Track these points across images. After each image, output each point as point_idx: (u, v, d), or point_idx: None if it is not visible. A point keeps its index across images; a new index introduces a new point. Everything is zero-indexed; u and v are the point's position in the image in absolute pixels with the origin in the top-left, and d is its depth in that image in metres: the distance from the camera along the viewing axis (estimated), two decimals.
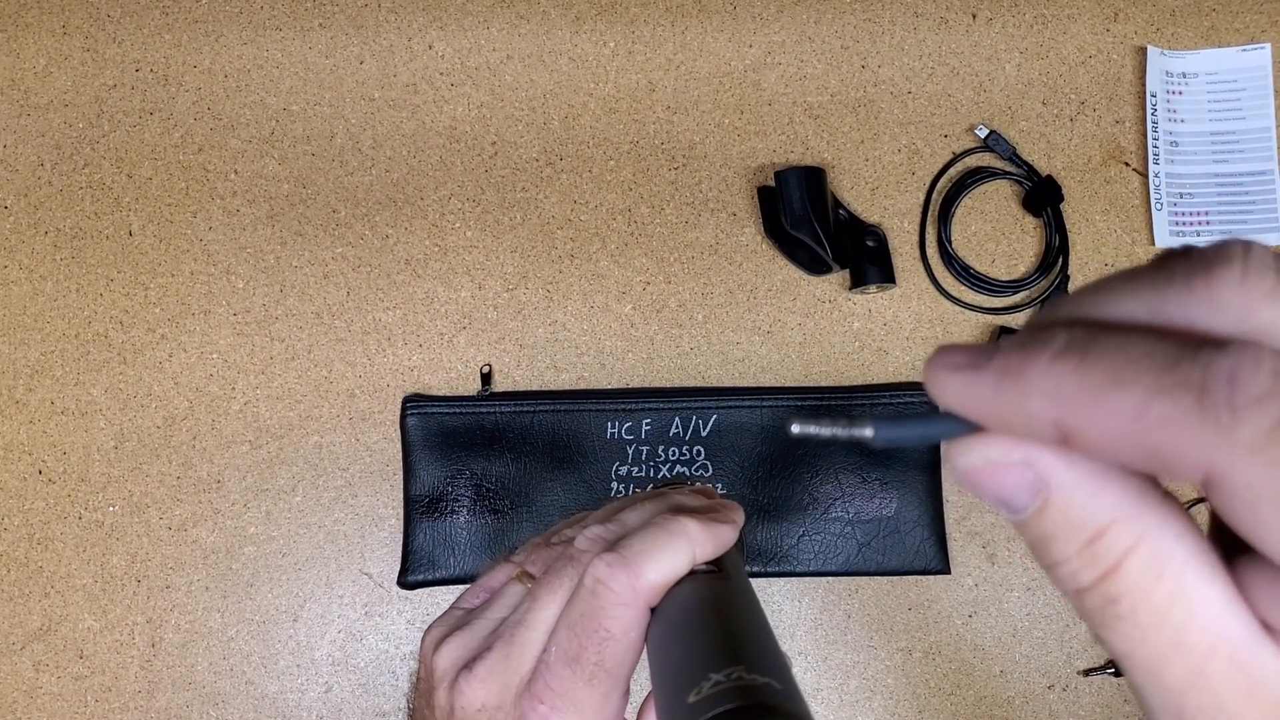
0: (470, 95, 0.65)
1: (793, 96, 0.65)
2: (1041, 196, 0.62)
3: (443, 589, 0.60)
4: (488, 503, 0.60)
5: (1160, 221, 0.63)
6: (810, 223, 0.58)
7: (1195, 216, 0.63)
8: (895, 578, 0.60)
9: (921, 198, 0.64)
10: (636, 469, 0.60)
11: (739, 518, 0.34)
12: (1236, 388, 0.12)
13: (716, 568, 0.31)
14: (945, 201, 0.63)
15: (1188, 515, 0.15)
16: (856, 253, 0.61)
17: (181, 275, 0.63)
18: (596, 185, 0.64)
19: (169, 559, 0.61)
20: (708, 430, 0.60)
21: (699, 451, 0.60)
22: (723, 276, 0.63)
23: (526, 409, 0.60)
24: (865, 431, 0.18)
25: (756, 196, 0.63)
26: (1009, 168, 0.64)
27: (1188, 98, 0.64)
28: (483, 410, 0.60)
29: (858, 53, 0.65)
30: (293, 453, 0.62)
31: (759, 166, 0.64)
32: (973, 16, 0.66)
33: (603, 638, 0.28)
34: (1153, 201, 0.63)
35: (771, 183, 0.61)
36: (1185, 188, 0.63)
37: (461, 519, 0.59)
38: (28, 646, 0.60)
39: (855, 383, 0.62)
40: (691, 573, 0.30)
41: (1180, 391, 0.13)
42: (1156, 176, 0.63)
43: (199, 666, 0.60)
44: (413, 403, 0.60)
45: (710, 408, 0.60)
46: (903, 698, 0.60)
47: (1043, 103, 0.65)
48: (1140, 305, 0.15)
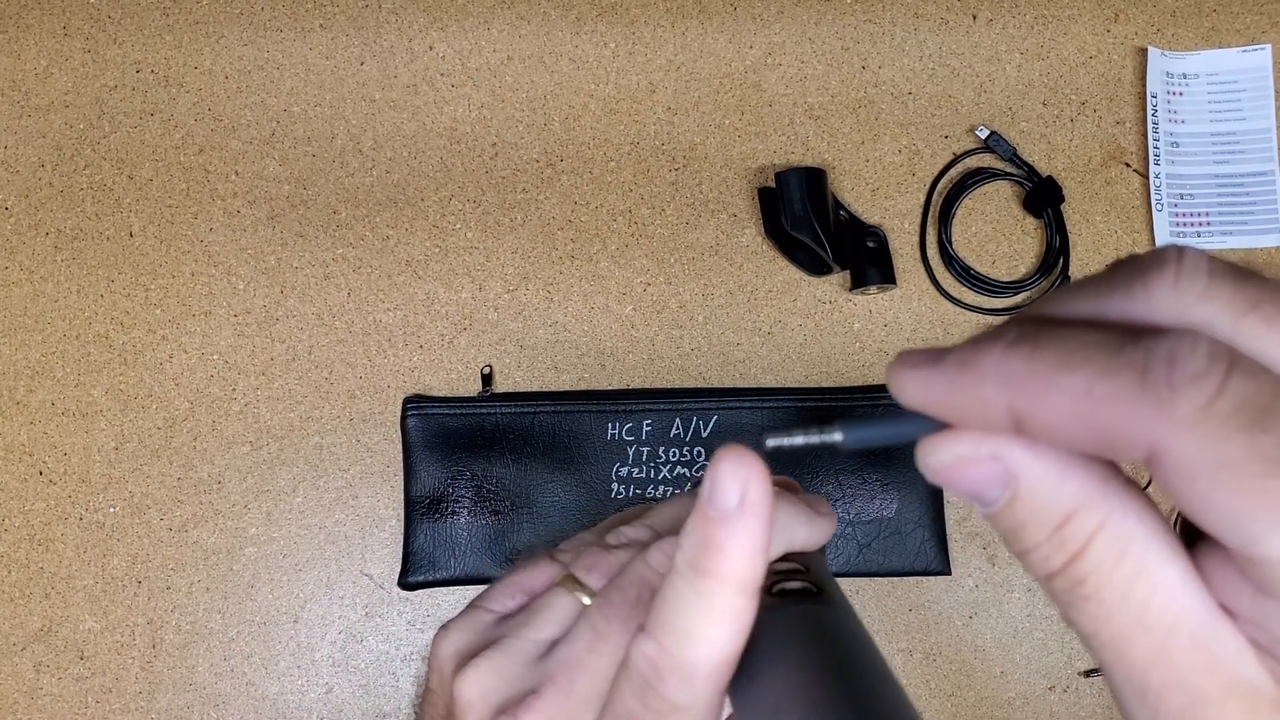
0: (471, 96, 0.65)
1: (793, 97, 0.65)
2: (1042, 197, 0.62)
3: (443, 590, 0.60)
4: (488, 504, 0.60)
5: (1161, 222, 0.63)
6: (811, 224, 0.58)
7: (1196, 217, 0.63)
8: (896, 579, 0.60)
9: (922, 198, 0.64)
10: (637, 470, 0.60)
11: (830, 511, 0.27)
12: (1175, 367, 0.13)
13: (810, 583, 0.24)
14: (946, 202, 0.63)
15: (1149, 500, 0.16)
16: (857, 254, 0.61)
17: (182, 276, 0.63)
18: (597, 186, 0.64)
19: (170, 560, 0.61)
20: (708, 431, 0.60)
21: (700, 453, 0.60)
22: (723, 277, 0.63)
23: (527, 410, 0.60)
24: (835, 435, 0.18)
25: (757, 197, 0.63)
26: (1009, 168, 0.64)
27: (1188, 98, 0.64)
28: (483, 411, 0.60)
29: (858, 54, 0.65)
30: (293, 454, 0.62)
31: (759, 167, 0.64)
32: (973, 17, 0.66)
33: None
34: (1153, 202, 0.63)
35: (772, 184, 0.61)
36: (1186, 188, 0.63)
37: (462, 520, 0.59)
38: (28, 647, 0.60)
39: (856, 383, 0.62)
40: (780, 593, 0.24)
41: (1123, 372, 0.14)
42: (1157, 177, 0.63)
43: (199, 667, 0.60)
44: (413, 404, 0.60)
45: (711, 409, 0.60)
46: None
47: (1043, 103, 0.65)
48: (1086, 308, 0.16)
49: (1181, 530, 0.16)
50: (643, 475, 0.60)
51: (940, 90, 0.65)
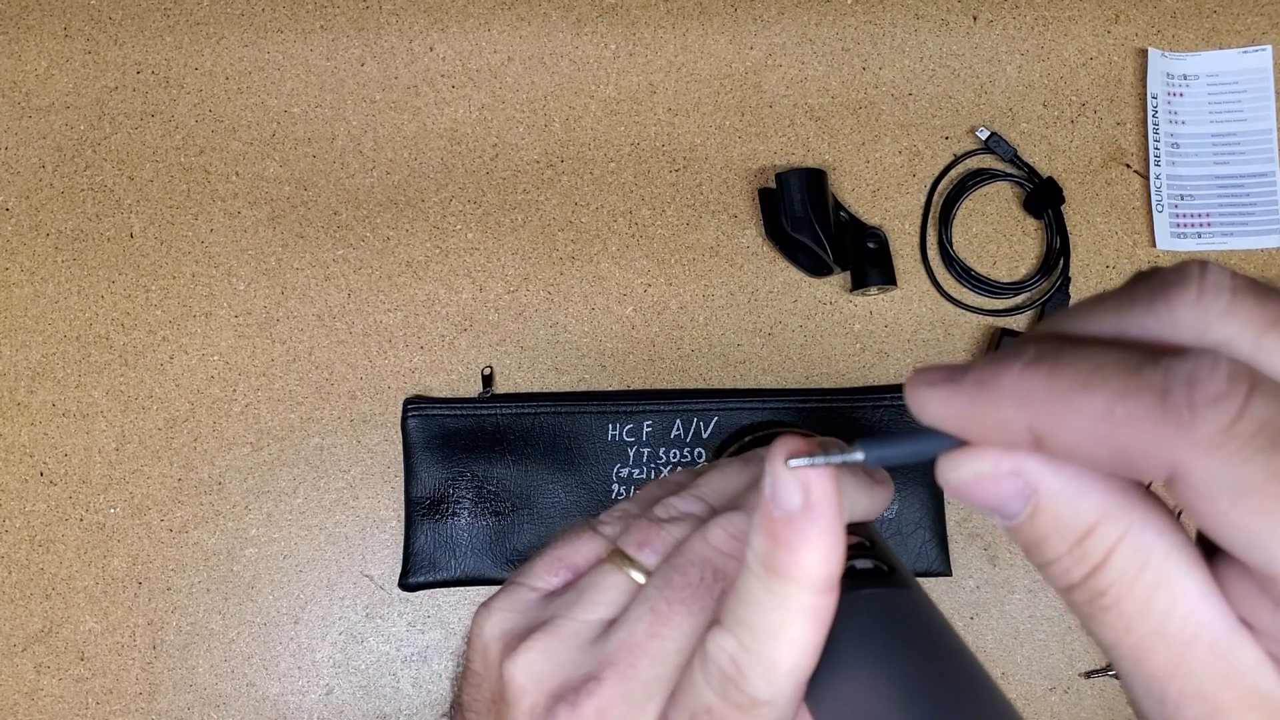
0: (471, 97, 0.65)
1: (794, 98, 0.65)
2: (1042, 198, 0.62)
3: (444, 591, 0.60)
4: (489, 505, 0.60)
5: (1161, 223, 0.63)
6: (811, 225, 0.58)
7: (1196, 218, 0.63)
8: None
9: (922, 199, 0.64)
10: (638, 471, 0.60)
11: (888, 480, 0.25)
12: (1195, 388, 0.13)
13: (880, 560, 0.23)
14: (946, 203, 0.63)
15: (1170, 513, 0.16)
16: (857, 255, 0.61)
17: (183, 277, 0.63)
18: (597, 187, 0.64)
19: (170, 561, 0.61)
20: (709, 432, 0.60)
21: (700, 453, 0.60)
22: (724, 278, 0.63)
23: (528, 411, 0.60)
24: (856, 455, 0.18)
25: (757, 198, 0.63)
26: (1010, 169, 0.64)
27: (1188, 100, 0.64)
28: (484, 412, 0.60)
29: (859, 55, 0.65)
30: (294, 455, 0.62)
31: (760, 168, 0.64)
32: (974, 19, 0.66)
33: None
34: (1154, 203, 0.63)
35: (772, 185, 0.61)
36: (1186, 190, 0.63)
37: (463, 521, 0.59)
38: (29, 648, 0.60)
39: (856, 384, 0.62)
40: (850, 572, 0.22)
41: (1143, 393, 0.14)
42: (1157, 178, 0.63)
43: (200, 668, 0.60)
44: (414, 405, 0.60)
45: (711, 410, 0.60)
46: None
47: (1044, 105, 0.65)
48: (1106, 324, 0.16)
49: (1200, 543, 0.16)
50: (643, 476, 0.60)
51: (941, 91, 0.65)
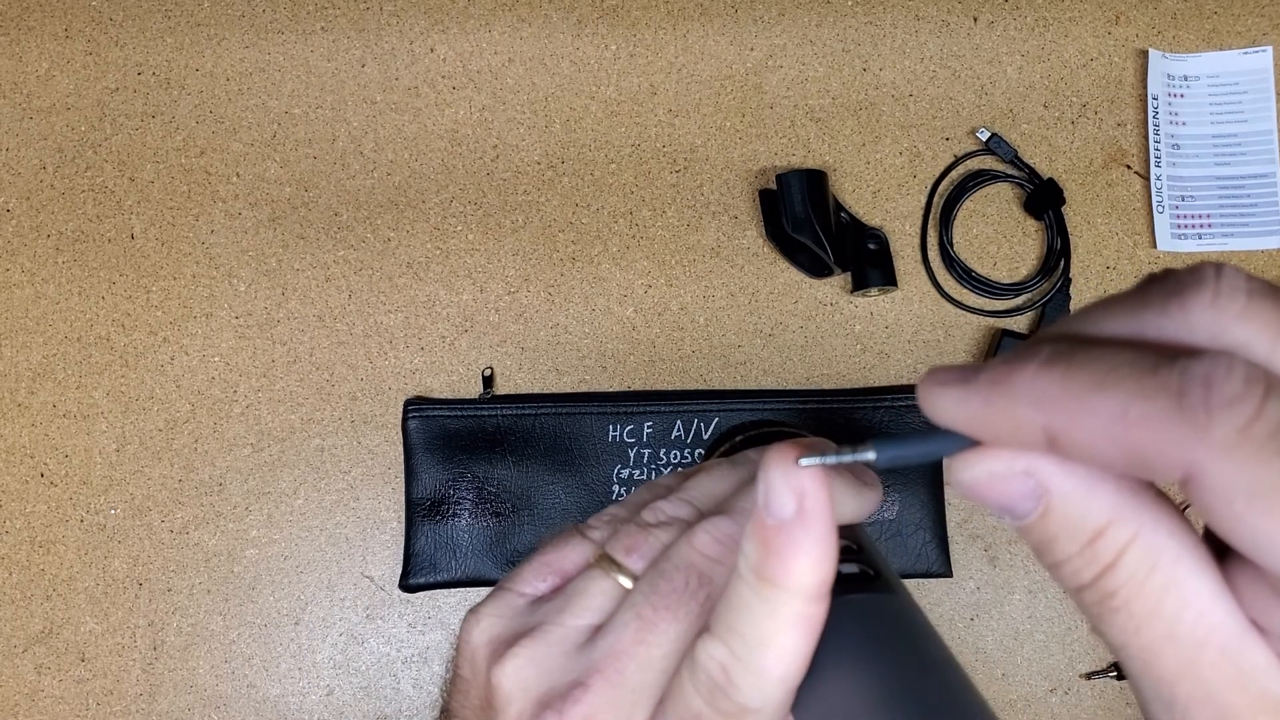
0: (472, 98, 0.65)
1: (794, 100, 0.65)
2: (1043, 199, 0.62)
3: (444, 592, 0.60)
4: (489, 506, 0.60)
5: (1162, 224, 0.63)
6: (812, 225, 0.58)
7: (1197, 219, 0.63)
8: None
9: (923, 200, 0.64)
10: (638, 472, 0.60)
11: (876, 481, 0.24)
12: (1211, 390, 0.13)
13: (865, 565, 0.23)
14: (947, 204, 0.63)
15: (1181, 514, 0.16)
16: (858, 255, 0.61)
17: (183, 278, 0.63)
18: (598, 188, 0.64)
19: (170, 562, 0.61)
20: (709, 433, 0.60)
21: (701, 454, 0.60)
22: (724, 279, 0.63)
23: (528, 412, 0.60)
24: (869, 455, 0.18)
25: (758, 199, 0.63)
26: (1010, 170, 0.64)
27: (1189, 100, 0.64)
28: (484, 413, 0.60)
29: (859, 56, 0.65)
30: (294, 456, 0.62)
31: (760, 169, 0.64)
32: (974, 20, 0.66)
33: None
34: (1154, 204, 0.63)
35: (773, 186, 0.61)
36: (1187, 190, 0.63)
37: (463, 522, 0.59)
38: (29, 649, 0.60)
39: (857, 385, 0.62)
40: (835, 577, 0.22)
41: (1159, 394, 0.14)
42: (1158, 179, 0.63)
43: (200, 669, 0.60)
44: (414, 406, 0.60)
45: (712, 411, 0.60)
46: None
47: (1044, 106, 0.65)
48: (1120, 326, 0.16)
49: (1211, 544, 0.16)
50: (644, 477, 0.60)
51: (941, 92, 0.65)
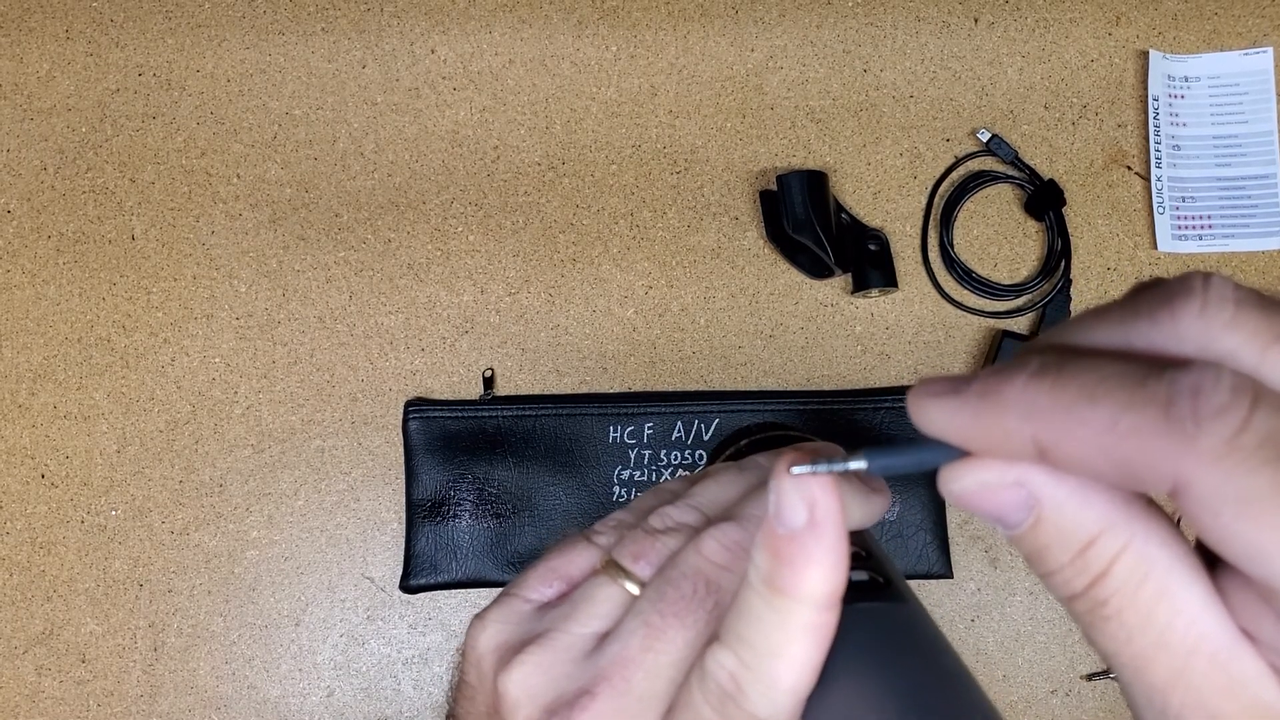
0: (472, 99, 0.65)
1: (795, 100, 0.65)
2: (1043, 200, 0.62)
3: (445, 593, 0.60)
4: (490, 507, 0.60)
5: (1162, 225, 0.63)
6: (812, 226, 0.58)
7: (1197, 220, 0.63)
8: None
9: (923, 201, 0.64)
10: (639, 473, 0.60)
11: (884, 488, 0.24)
12: (1199, 401, 0.13)
13: (875, 572, 0.23)
14: (947, 205, 0.63)
15: (1173, 524, 0.16)
16: (858, 256, 0.61)
17: (184, 279, 0.63)
18: (598, 189, 0.64)
19: (171, 563, 0.61)
20: (710, 434, 0.60)
21: (701, 455, 0.60)
22: (725, 280, 0.63)
23: (529, 413, 0.60)
24: (860, 463, 0.18)
25: (758, 200, 0.63)
26: (1011, 171, 0.64)
27: (1190, 101, 0.64)
28: (485, 414, 0.60)
29: (860, 57, 0.65)
30: (295, 457, 0.62)
31: (761, 170, 0.64)
32: (975, 21, 0.66)
33: None
34: (1155, 205, 0.63)
35: (773, 187, 0.61)
36: (1187, 191, 0.63)
37: (463, 523, 0.59)
38: (30, 650, 0.60)
39: (857, 386, 0.62)
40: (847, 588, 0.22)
41: (1148, 405, 0.14)
42: (1158, 180, 0.63)
43: (201, 671, 0.60)
44: (415, 407, 0.60)
45: (713, 412, 0.60)
46: None
47: (1045, 106, 0.65)
48: (1109, 336, 0.16)
49: (1202, 554, 0.16)
50: (644, 478, 0.60)
51: (942, 93, 0.65)
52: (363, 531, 0.61)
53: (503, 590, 0.27)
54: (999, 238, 0.64)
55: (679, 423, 0.60)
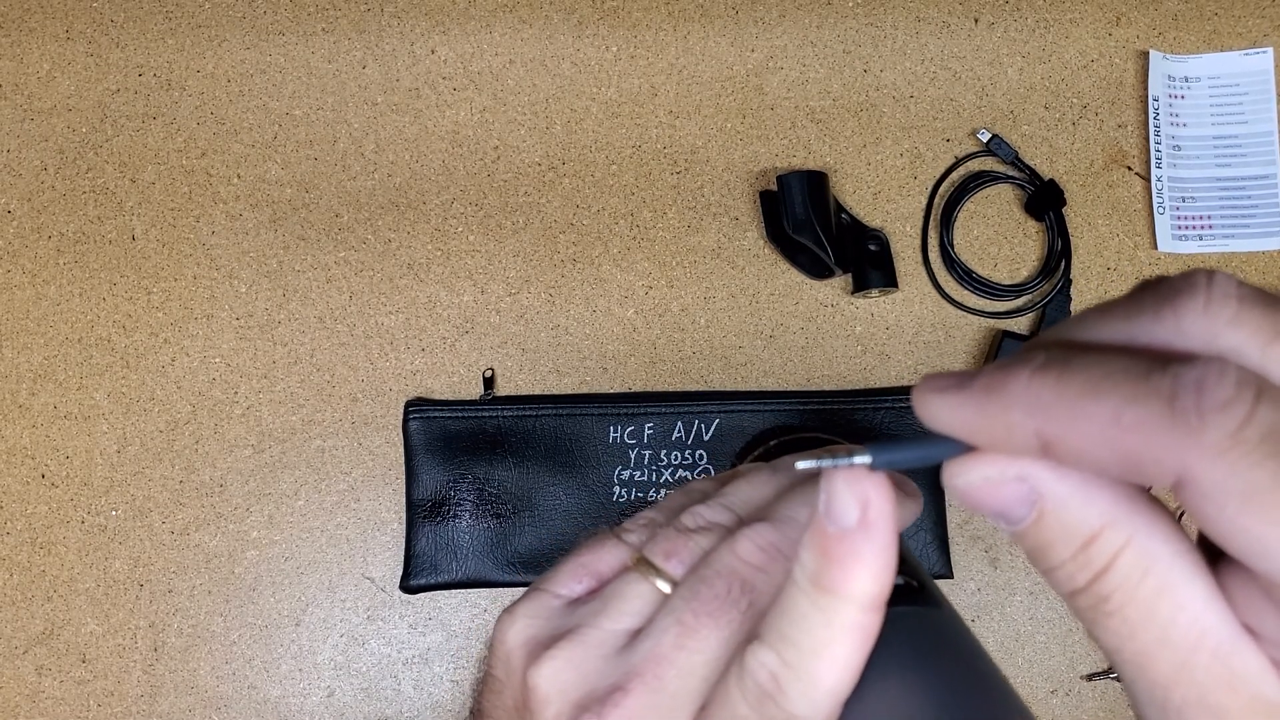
0: (473, 100, 0.65)
1: (795, 101, 0.65)
2: (1044, 200, 0.62)
3: (445, 593, 0.60)
4: (490, 507, 0.60)
5: (1163, 225, 0.63)
6: (812, 227, 0.58)
7: (1197, 220, 0.63)
8: None
9: (924, 202, 0.64)
10: (639, 473, 0.60)
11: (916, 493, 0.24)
12: (1203, 395, 0.13)
13: (909, 577, 0.23)
14: (947, 205, 0.63)
15: (1174, 520, 0.16)
16: (859, 257, 0.61)
17: (184, 279, 0.63)
18: (599, 190, 0.64)
19: (171, 563, 0.61)
20: (710, 434, 0.60)
21: (701, 455, 0.60)
22: (725, 281, 0.63)
23: (529, 413, 0.60)
24: (864, 459, 0.18)
25: (758, 201, 0.63)
26: (1011, 172, 0.64)
27: (1190, 102, 0.64)
28: (485, 415, 0.60)
29: (860, 57, 0.65)
30: (295, 457, 0.62)
31: (761, 171, 0.64)
32: (975, 21, 0.66)
33: None
34: (1155, 205, 0.63)
35: (774, 187, 0.61)
36: (1187, 192, 0.63)
37: (464, 523, 0.59)
38: (30, 651, 0.60)
39: (857, 387, 0.62)
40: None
41: (1152, 399, 0.14)
42: (1159, 180, 0.63)
43: (201, 671, 0.60)
44: (415, 407, 0.60)
45: (713, 412, 0.60)
46: None
47: (1045, 107, 0.65)
48: (1113, 331, 0.16)
49: (1204, 549, 0.16)
50: (644, 479, 0.60)
51: (942, 94, 0.65)
52: (363, 531, 0.61)
53: (532, 585, 0.26)
54: (999, 238, 0.64)
55: (679, 423, 0.60)
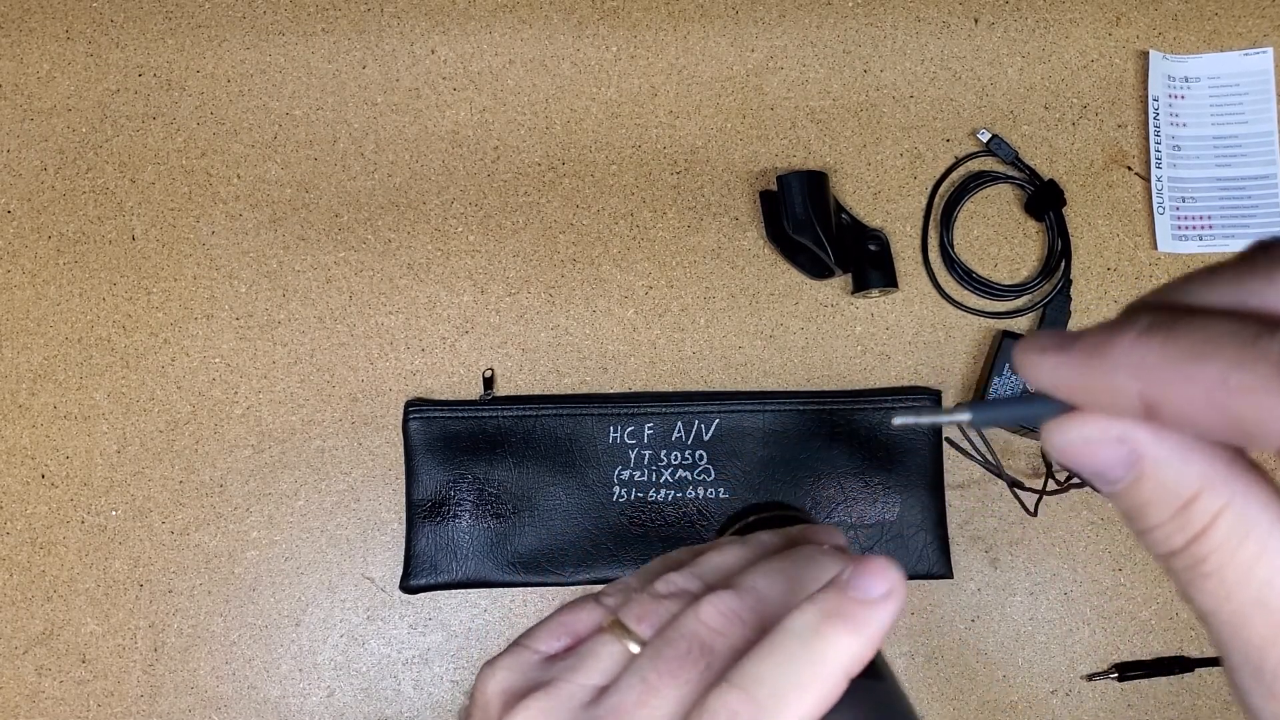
0: (473, 100, 0.65)
1: (795, 101, 0.65)
2: (1044, 200, 0.62)
3: (445, 593, 0.60)
4: (490, 507, 0.60)
5: (1163, 225, 0.63)
6: (812, 227, 0.58)
7: (1197, 220, 0.63)
8: None
9: (924, 202, 0.64)
10: (639, 473, 0.60)
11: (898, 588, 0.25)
12: None
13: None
14: (947, 205, 0.63)
15: (1273, 484, 0.16)
16: (859, 257, 0.61)
17: (184, 279, 0.63)
18: (599, 190, 0.64)
19: (171, 563, 0.61)
20: (710, 435, 0.60)
21: (701, 456, 0.60)
22: (725, 281, 0.63)
23: (529, 413, 0.60)
24: (963, 415, 0.19)
25: (759, 201, 0.63)
26: (1011, 172, 0.64)
27: (1190, 102, 0.64)
28: (485, 415, 0.60)
29: (860, 57, 0.65)
30: (295, 457, 0.62)
31: (761, 171, 0.64)
32: (975, 21, 0.66)
33: None
34: (1155, 205, 0.63)
35: (774, 187, 0.61)
36: (1187, 192, 0.63)
37: (464, 523, 0.59)
38: (30, 651, 0.60)
39: (857, 387, 0.62)
40: None
41: (1260, 364, 0.14)
42: (1159, 180, 0.63)
43: (201, 671, 0.60)
44: (415, 407, 0.60)
45: (713, 412, 0.60)
46: None
47: (1045, 107, 0.65)
48: (1222, 295, 0.16)
49: None
50: (644, 479, 0.60)
51: (942, 94, 0.65)
52: (363, 531, 0.61)
53: (514, 641, 0.29)
54: (999, 238, 0.64)
55: (679, 423, 0.60)
